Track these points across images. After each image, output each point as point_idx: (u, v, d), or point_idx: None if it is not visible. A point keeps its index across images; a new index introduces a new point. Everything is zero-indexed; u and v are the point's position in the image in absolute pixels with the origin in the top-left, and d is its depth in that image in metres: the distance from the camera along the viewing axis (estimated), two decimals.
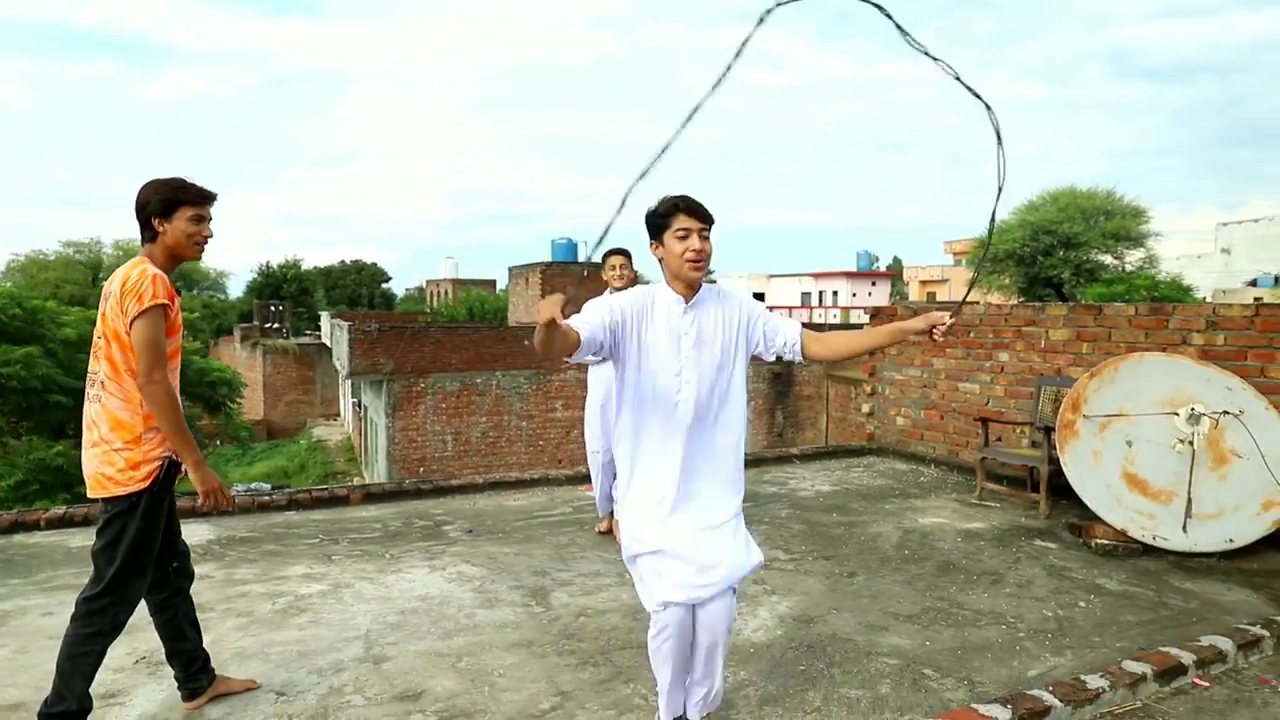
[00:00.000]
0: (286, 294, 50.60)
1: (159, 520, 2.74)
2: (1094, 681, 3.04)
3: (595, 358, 2.68)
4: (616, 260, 5.18)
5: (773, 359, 2.84)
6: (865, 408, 8.21)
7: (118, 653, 3.40)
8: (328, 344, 37.49)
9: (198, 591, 4.12)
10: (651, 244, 2.69)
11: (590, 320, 2.58)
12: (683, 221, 2.59)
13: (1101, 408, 5.25)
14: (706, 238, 2.62)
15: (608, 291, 5.15)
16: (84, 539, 5.05)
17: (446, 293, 46.97)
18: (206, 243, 2.76)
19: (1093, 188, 39.39)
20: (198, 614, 3.10)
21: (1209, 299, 42.53)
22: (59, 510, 5.38)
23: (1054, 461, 5.63)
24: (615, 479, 5.03)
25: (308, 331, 45.81)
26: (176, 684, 3.00)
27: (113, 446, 2.67)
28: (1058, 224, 37.37)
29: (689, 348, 2.64)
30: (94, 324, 2.82)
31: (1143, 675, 3.10)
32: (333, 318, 33.45)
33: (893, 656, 3.47)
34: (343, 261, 74.26)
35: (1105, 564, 4.70)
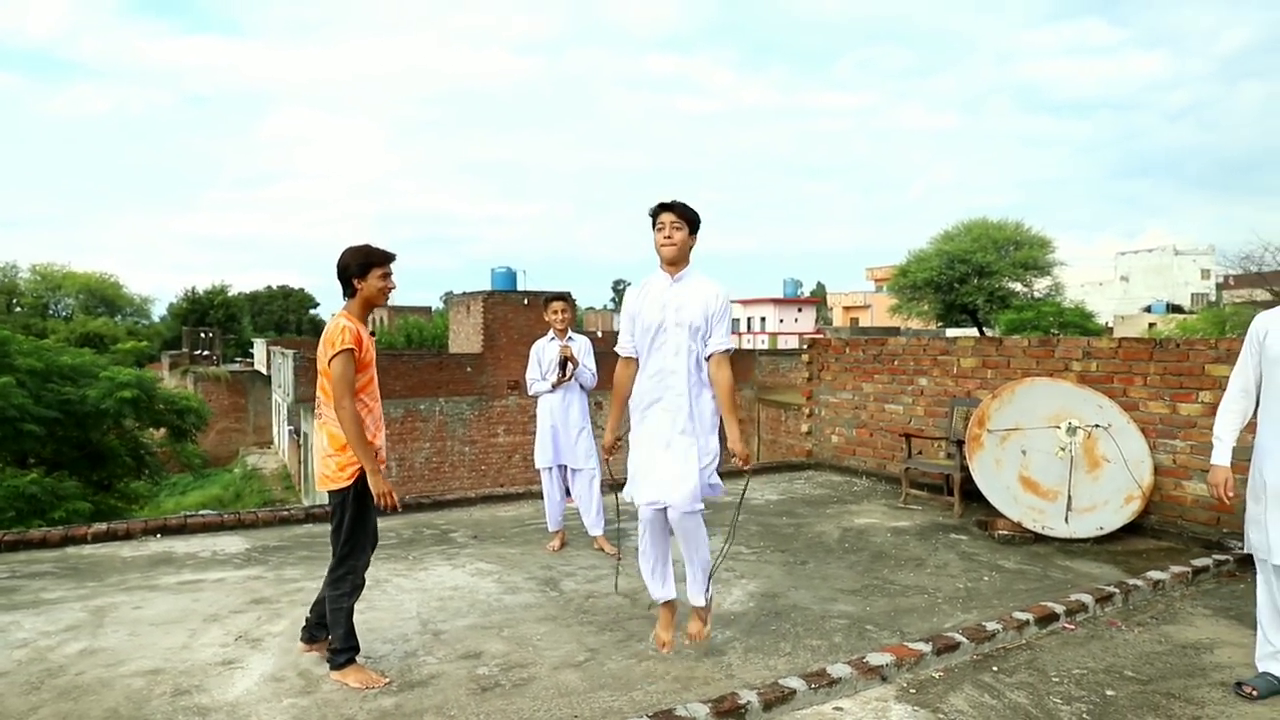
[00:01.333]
0: (214, 320, 49.89)
1: (367, 507, 3.56)
2: (991, 625, 4.07)
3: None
4: (558, 305, 5.79)
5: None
6: (804, 427, 9.29)
7: (215, 634, 4.15)
8: (261, 371, 37.23)
9: (257, 589, 4.88)
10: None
11: (623, 341, 3.92)
12: (659, 217, 3.81)
13: (1002, 423, 6.39)
14: (679, 227, 3.78)
15: (550, 333, 5.86)
16: (130, 550, 5.70)
17: (382, 320, 47.00)
18: (391, 292, 3.66)
19: (1003, 219, 41.97)
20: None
21: (1110, 324, 45.58)
22: (102, 526, 5.99)
23: (965, 469, 6.75)
24: (568, 495, 5.81)
25: (238, 359, 45.25)
26: (304, 625, 3.85)
27: (327, 454, 3.54)
28: (972, 253, 39.66)
29: (672, 313, 3.77)
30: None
31: (1026, 621, 4.15)
32: (270, 345, 33.36)
33: (841, 619, 4.45)
34: (269, 287, 73.31)
35: (1005, 550, 5.80)
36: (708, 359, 3.80)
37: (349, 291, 3.60)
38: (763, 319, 60.90)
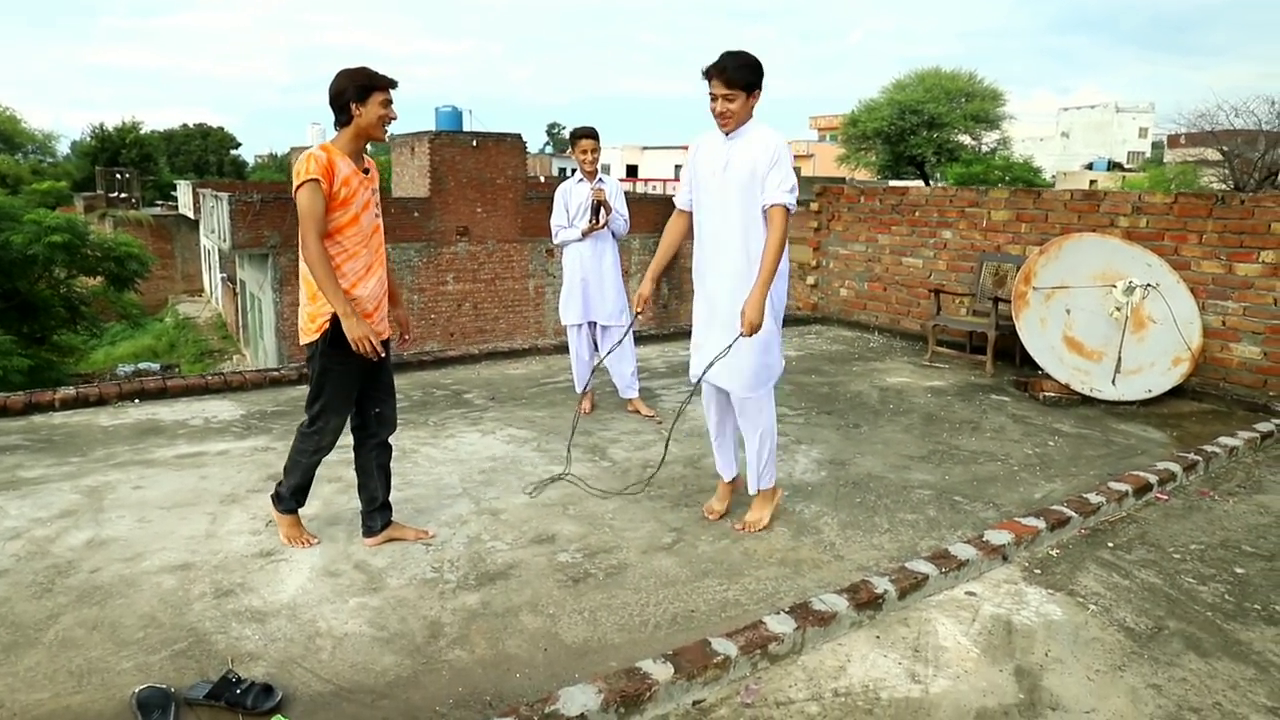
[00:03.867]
0: (127, 160, 46.23)
1: (342, 363, 3.09)
2: (1094, 498, 3.84)
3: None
4: (588, 144, 5.05)
5: None
6: (809, 279, 8.87)
7: (241, 519, 3.64)
8: (187, 215, 34.88)
9: (270, 463, 4.35)
10: None
11: (680, 192, 3.66)
12: (709, 85, 3.34)
13: (1047, 280, 6.05)
14: (731, 99, 3.32)
15: (576, 175, 5.20)
16: (107, 418, 5.06)
17: None
18: (390, 123, 3.05)
19: (956, 69, 40.95)
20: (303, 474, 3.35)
21: (1053, 180, 45.84)
22: (70, 391, 5.29)
23: (999, 328, 6.46)
24: (598, 354, 5.29)
25: (158, 202, 42.33)
26: (361, 518, 3.43)
27: (301, 304, 3.12)
28: (924, 104, 38.85)
29: (720, 171, 3.42)
30: None
31: (1125, 492, 3.92)
32: (198, 187, 31.09)
33: (924, 489, 4.17)
34: (185, 125, 67.99)
35: (1055, 412, 5.59)
36: (763, 214, 3.38)
37: (342, 119, 3.04)
38: None
